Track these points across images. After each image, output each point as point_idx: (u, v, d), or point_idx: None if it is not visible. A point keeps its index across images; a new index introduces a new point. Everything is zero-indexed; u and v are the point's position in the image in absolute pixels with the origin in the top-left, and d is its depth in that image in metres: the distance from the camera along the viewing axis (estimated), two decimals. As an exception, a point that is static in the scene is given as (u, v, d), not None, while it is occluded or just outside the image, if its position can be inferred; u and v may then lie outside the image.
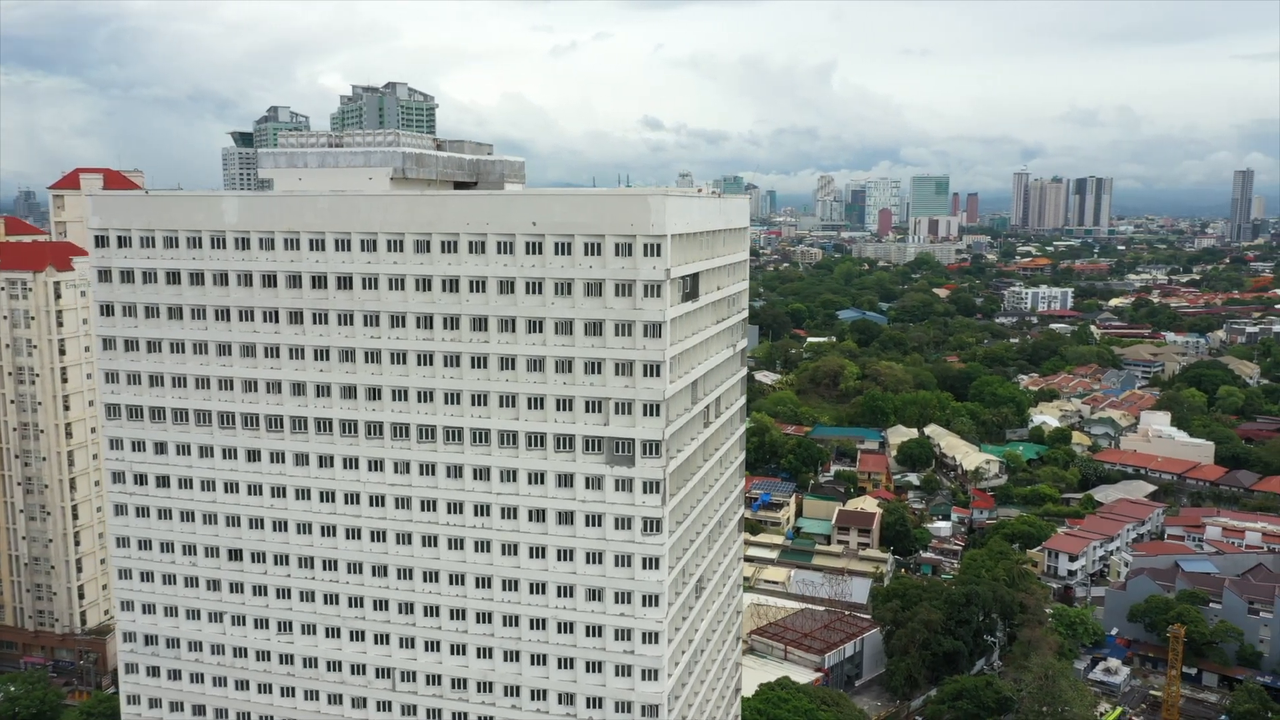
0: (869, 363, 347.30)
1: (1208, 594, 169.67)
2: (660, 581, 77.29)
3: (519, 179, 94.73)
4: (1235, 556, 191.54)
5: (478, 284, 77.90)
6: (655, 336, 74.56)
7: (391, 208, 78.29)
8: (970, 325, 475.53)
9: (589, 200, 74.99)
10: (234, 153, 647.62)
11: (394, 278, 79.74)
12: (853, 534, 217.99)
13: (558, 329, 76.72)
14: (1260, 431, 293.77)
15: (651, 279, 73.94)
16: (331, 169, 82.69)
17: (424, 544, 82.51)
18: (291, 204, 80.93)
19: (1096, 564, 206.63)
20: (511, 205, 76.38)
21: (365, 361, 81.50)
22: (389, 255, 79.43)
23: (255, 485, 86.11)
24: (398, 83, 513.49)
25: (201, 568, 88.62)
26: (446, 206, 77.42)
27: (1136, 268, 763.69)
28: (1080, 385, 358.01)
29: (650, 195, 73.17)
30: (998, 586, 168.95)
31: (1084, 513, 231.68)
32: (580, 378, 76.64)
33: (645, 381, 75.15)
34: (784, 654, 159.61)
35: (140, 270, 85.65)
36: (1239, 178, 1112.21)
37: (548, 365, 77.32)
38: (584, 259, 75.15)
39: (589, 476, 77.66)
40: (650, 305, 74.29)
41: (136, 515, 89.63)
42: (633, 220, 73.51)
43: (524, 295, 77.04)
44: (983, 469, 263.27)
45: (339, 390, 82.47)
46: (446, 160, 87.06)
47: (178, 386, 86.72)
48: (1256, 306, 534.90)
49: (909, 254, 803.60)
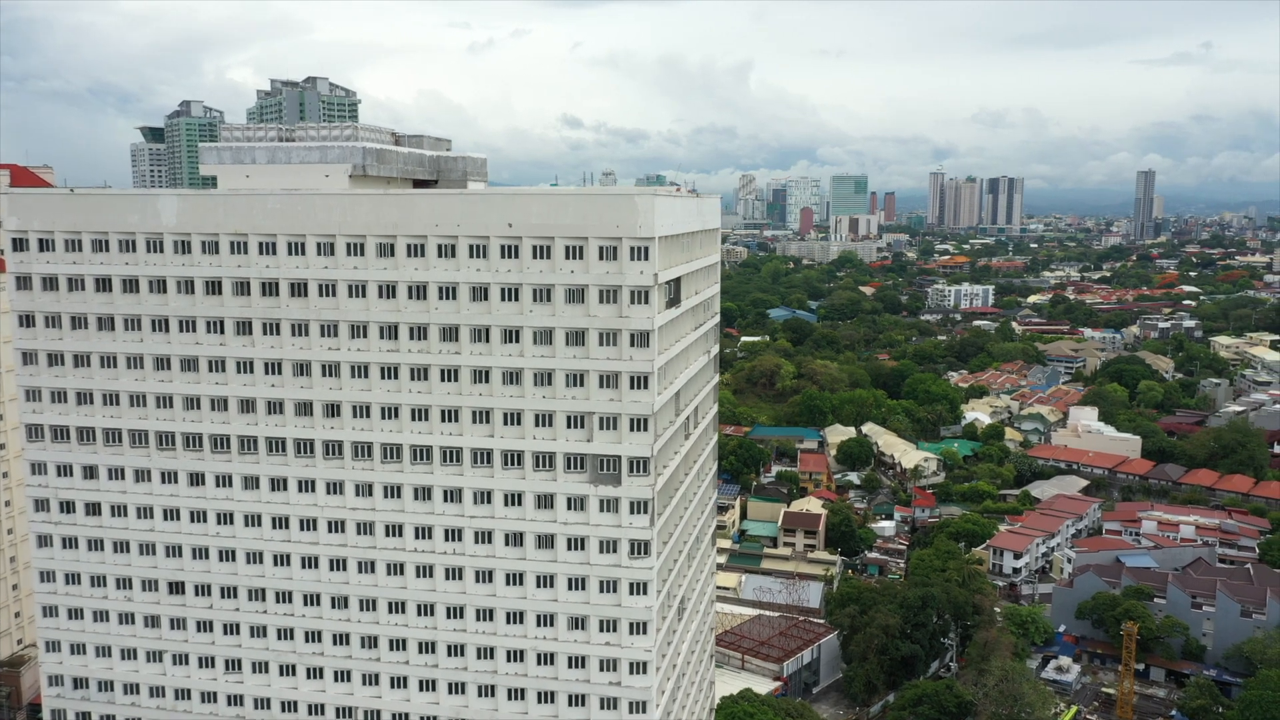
0: (804, 361, 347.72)
1: (1152, 590, 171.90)
2: (649, 608, 72.46)
3: (482, 177, 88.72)
4: (1173, 550, 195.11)
5: (448, 290, 71.93)
6: (643, 346, 69.64)
7: (353, 208, 71.75)
8: (899, 323, 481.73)
9: (571, 200, 69.59)
10: (144, 148, 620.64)
11: (355, 284, 73.23)
12: (799, 536, 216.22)
13: (536, 338, 71.22)
14: (1180, 425, 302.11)
15: (639, 284, 69.01)
16: (283, 165, 75.54)
17: (389, 572, 76.20)
18: (238, 203, 73.72)
19: (1039, 560, 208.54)
20: (486, 205, 70.56)
21: (323, 375, 74.76)
22: (349, 259, 72.89)
23: (199, 511, 78.61)
24: (318, 77, 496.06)
25: (138, 603, 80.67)
26: (414, 206, 71.22)
27: (1050, 265, 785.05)
28: (1008, 381, 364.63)
29: (638, 195, 68.18)
30: (950, 588, 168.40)
31: (1022, 509, 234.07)
32: (561, 391, 71.27)
33: (632, 394, 70.19)
34: (741, 663, 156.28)
35: (65, 277, 77.36)
36: (1141, 178, 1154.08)
37: (525, 378, 71.76)
38: (565, 263, 69.78)
39: (571, 497, 72.36)
40: (638, 313, 69.33)
41: (63, 547, 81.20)
42: (618, 221, 68.43)
43: (499, 302, 71.35)
44: (921, 467, 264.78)
45: (293, 406, 75.58)
46: (408, 156, 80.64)
47: (110, 404, 78.65)
48: (1166, 303, 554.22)
49: (832, 252, 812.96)
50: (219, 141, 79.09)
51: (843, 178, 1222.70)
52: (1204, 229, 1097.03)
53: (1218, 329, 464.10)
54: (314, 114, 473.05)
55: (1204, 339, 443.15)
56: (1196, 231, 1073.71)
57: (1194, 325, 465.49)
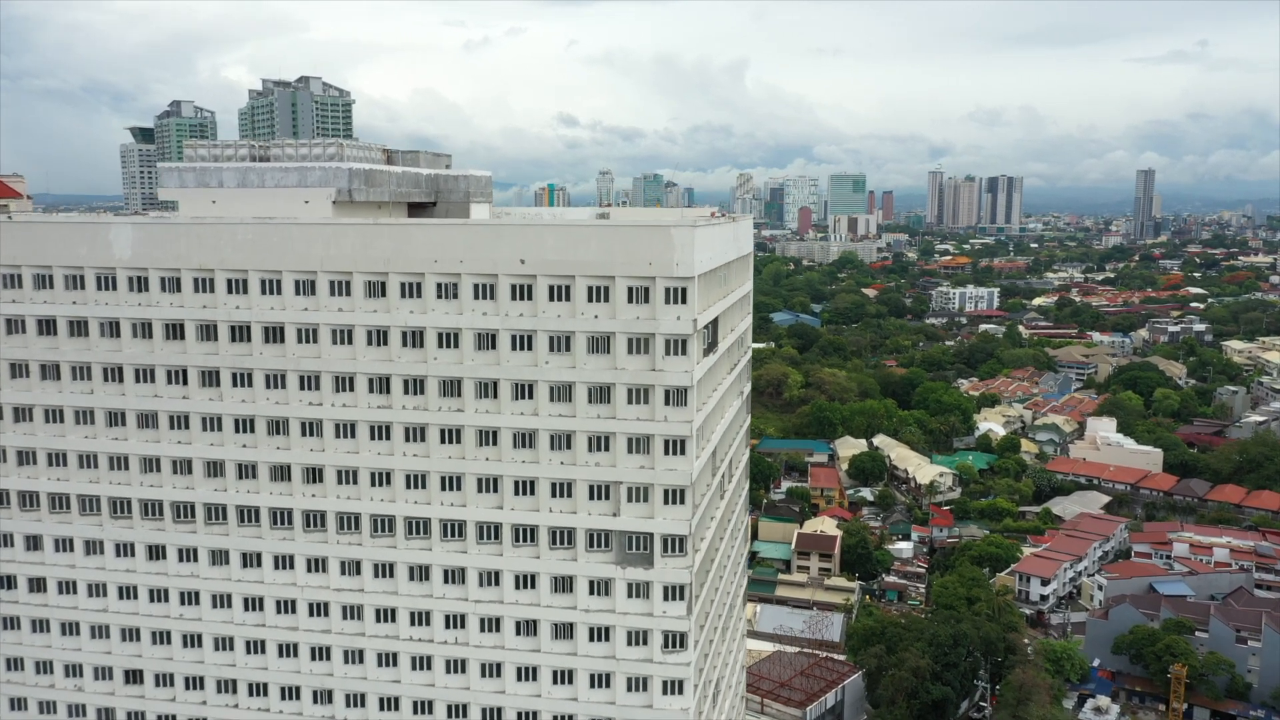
0: (811, 370, 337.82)
1: (1193, 623, 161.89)
2: (685, 710, 61.86)
3: (486, 198, 77.84)
4: (1208, 576, 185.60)
5: (449, 337, 61.23)
6: (680, 404, 58.98)
7: (337, 239, 60.97)
8: (904, 327, 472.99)
9: (594, 233, 58.88)
10: (134, 149, 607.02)
11: (340, 329, 62.50)
12: (814, 559, 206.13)
13: (553, 395, 60.51)
14: (1199, 435, 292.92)
15: (675, 332, 58.31)
16: (255, 189, 64.66)
17: (381, 663, 65.45)
18: (204, 234, 62.96)
19: (1067, 586, 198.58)
20: (494, 238, 59.84)
21: (302, 435, 63.99)
22: (333, 300, 62.16)
23: (159, 590, 67.80)
24: (312, 77, 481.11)
25: (90, 693, 69.84)
26: (409, 238, 60.47)
27: (1053, 265, 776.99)
28: (1019, 389, 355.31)
29: (674, 227, 57.44)
30: (981, 622, 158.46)
31: (1044, 528, 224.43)
32: (583, 456, 60.56)
33: (667, 461, 59.56)
34: (760, 707, 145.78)
35: (2, 318, 66.54)
36: (1141, 177, 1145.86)
37: (540, 440, 61.06)
38: (587, 307, 59.08)
39: (594, 580, 61.70)
40: (674, 365, 58.66)
41: (4, 628, 70.39)
42: (651, 258, 57.75)
43: (509, 352, 60.62)
44: (937, 482, 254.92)
45: (267, 471, 64.79)
46: (401, 177, 69.80)
47: (55, 465, 67.79)
48: (1172, 305, 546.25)
49: (832, 253, 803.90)
50: (182, 161, 68.14)
51: (841, 177, 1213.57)
52: (1203, 228, 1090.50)
53: (1228, 333, 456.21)
54: (307, 115, 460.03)
55: (1215, 343, 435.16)
56: (1197, 231, 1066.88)
57: (1204, 329, 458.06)
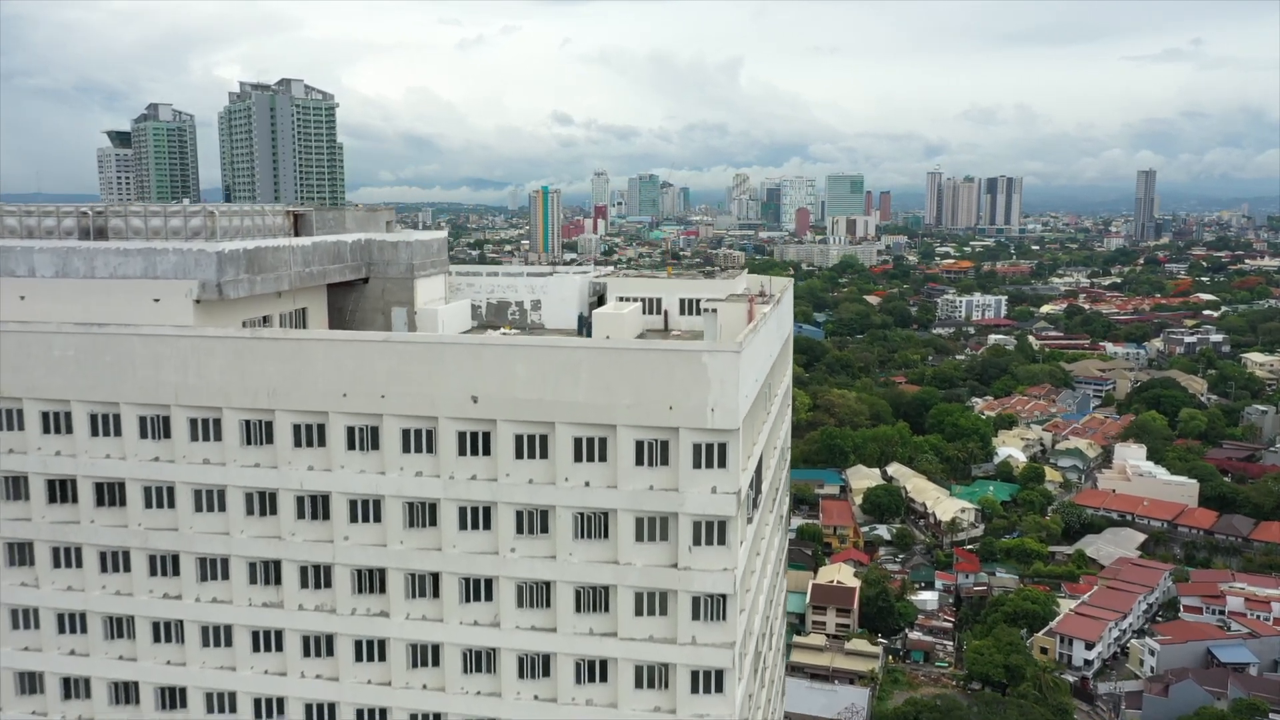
0: (819, 391, 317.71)
1: (1267, 705, 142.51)
2: None
3: (439, 268, 56.84)
4: (1271, 640, 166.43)
5: (364, 508, 40.79)
6: (716, 619, 38.55)
7: (201, 359, 40.39)
8: (912, 339, 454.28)
9: (584, 358, 38.17)
10: (110, 154, 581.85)
11: (205, 490, 42.02)
12: (830, 614, 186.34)
13: (523, 598, 40.03)
14: (1230, 461, 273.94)
15: (709, 514, 37.77)
16: (84, 280, 43.71)
17: None
18: (4, 346, 42.49)
19: (1112, 647, 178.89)
20: (433, 362, 39.14)
21: (154, 641, 43.22)
22: (194, 446, 41.69)
23: None
24: (293, 79, 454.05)
25: None
26: (308, 359, 39.88)
27: (1057, 270, 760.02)
28: (1037, 408, 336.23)
29: (709, 353, 36.84)
30: (1029, 708, 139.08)
31: (1078, 573, 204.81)
32: (568, 691, 39.99)
33: (694, 703, 39.16)
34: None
35: None
36: (1142, 178, 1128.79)
37: (503, 664, 40.48)
38: (573, 469, 38.62)
39: None
40: (705, 561, 38.18)
41: None
42: (673, 399, 37.20)
43: (455, 532, 40.22)
44: (959, 519, 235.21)
45: (105, 691, 44.11)
46: (311, 250, 48.71)
47: None
48: (1185, 312, 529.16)
49: (831, 256, 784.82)
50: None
51: (838, 177, 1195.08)
52: (1204, 228, 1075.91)
53: (1247, 344, 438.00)
54: (286, 120, 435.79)
55: (1234, 355, 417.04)
56: (1198, 232, 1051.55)
57: (1221, 339, 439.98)
